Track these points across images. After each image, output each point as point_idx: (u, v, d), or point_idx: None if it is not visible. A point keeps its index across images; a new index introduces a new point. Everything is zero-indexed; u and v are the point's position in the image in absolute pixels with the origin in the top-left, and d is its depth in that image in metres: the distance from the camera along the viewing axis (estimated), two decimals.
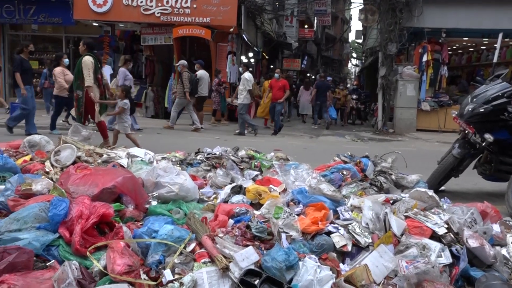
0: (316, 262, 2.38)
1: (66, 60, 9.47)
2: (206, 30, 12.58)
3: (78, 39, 14.91)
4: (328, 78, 16.38)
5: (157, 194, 3.21)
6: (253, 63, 17.65)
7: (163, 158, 4.68)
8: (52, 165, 3.92)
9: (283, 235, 2.64)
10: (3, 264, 1.93)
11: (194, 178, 3.84)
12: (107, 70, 13.20)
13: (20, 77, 8.26)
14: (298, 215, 2.94)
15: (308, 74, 18.03)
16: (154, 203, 3.13)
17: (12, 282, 1.86)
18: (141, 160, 4.27)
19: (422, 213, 2.93)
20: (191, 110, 10.84)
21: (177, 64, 11.47)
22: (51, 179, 3.42)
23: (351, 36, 48.44)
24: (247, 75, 10.67)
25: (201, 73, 11.21)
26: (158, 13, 12.68)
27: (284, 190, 3.54)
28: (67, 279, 2.00)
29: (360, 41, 32.19)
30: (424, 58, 12.43)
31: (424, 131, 12.41)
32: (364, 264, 2.40)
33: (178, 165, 4.46)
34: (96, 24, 13.81)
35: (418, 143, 10.74)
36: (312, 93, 14.16)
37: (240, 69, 11.48)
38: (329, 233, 2.75)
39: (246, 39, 14.62)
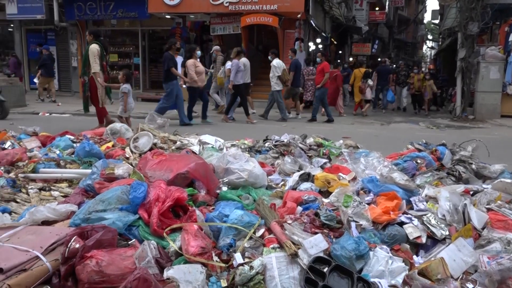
0: (388, 253, 2.31)
1: (198, 52, 9.86)
2: (274, 17, 12.54)
3: (152, 32, 15.71)
4: (400, 62, 15.69)
5: (227, 180, 3.31)
6: (321, 49, 17.31)
7: (233, 145, 4.80)
8: (131, 151, 4.20)
9: (353, 224, 2.59)
10: (92, 241, 2.11)
11: (262, 165, 3.89)
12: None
13: (167, 72, 8.74)
14: (368, 204, 2.86)
15: (379, 59, 17.14)
16: (224, 188, 3.23)
17: (99, 257, 2.04)
18: (212, 147, 4.42)
19: (507, 205, 2.71)
20: (216, 92, 11.69)
21: (211, 51, 12.31)
22: (131, 164, 3.67)
23: (427, 17, 45.52)
24: (275, 62, 10.71)
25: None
26: (226, 2, 12.88)
27: (354, 179, 3.46)
28: (146, 257, 2.14)
29: (436, 21, 30.11)
30: (511, 38, 11.31)
31: (509, 117, 11.37)
32: (440, 257, 2.29)
33: (247, 152, 4.54)
34: (169, 17, 14.37)
35: (502, 130, 9.88)
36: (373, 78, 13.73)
37: (269, 57, 11.53)
38: (401, 224, 2.65)
39: (314, 25, 14.35)
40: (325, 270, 2.18)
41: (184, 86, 9.67)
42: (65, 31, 15.24)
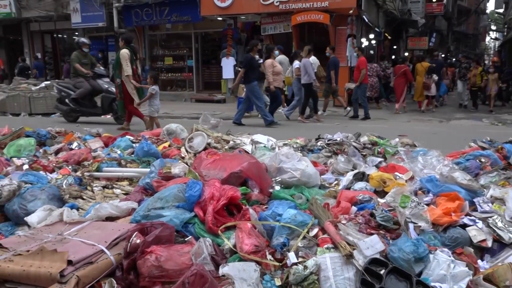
0: (450, 257, 2.20)
1: (276, 52, 10.00)
2: (325, 14, 12.37)
3: (205, 34, 16.08)
4: (459, 55, 14.84)
5: (279, 179, 3.31)
6: (374, 44, 16.82)
7: (285, 145, 4.79)
8: (186, 151, 4.33)
9: (411, 225, 2.49)
10: (151, 237, 2.21)
11: (315, 164, 3.85)
12: (230, 62, 13.99)
13: (247, 73, 8.94)
14: (427, 205, 2.74)
15: (436, 53, 16.21)
16: (277, 187, 3.23)
17: (158, 253, 2.13)
18: (264, 146, 4.44)
19: None
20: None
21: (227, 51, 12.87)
22: (186, 163, 3.78)
23: (490, 6, 42.62)
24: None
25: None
26: (277, 2, 12.89)
27: (411, 178, 3.33)
28: (202, 254, 2.20)
29: (501, 11, 28.13)
30: None
31: None
32: (509, 262, 2.14)
33: (299, 151, 4.52)
34: (220, 19, 14.64)
35: None
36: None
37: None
38: (464, 226, 2.51)
39: (366, 20, 13.97)
40: (381, 272, 2.12)
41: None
42: (133, 35, 16.02)
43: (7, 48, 19.18)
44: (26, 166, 3.98)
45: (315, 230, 2.50)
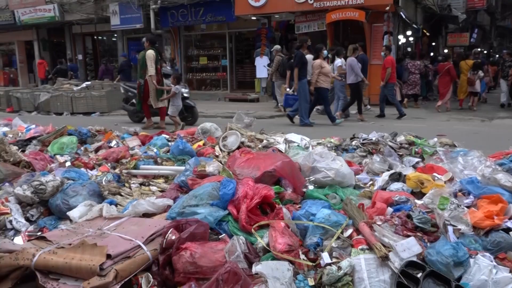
0: (492, 262, 2.11)
1: (325, 52, 9.77)
2: (360, 11, 12.13)
3: (239, 34, 16.17)
4: (503, 52, 14.14)
5: (313, 179, 3.29)
6: (412, 41, 16.33)
7: (319, 144, 4.75)
8: (220, 150, 4.38)
9: (450, 228, 2.41)
10: (186, 233, 2.25)
11: (349, 163, 3.80)
12: (264, 61, 13.99)
13: (299, 71, 8.82)
14: (467, 207, 2.65)
15: (476, 50, 15.45)
16: (310, 187, 3.21)
17: (193, 250, 2.17)
18: (298, 145, 4.43)
19: None
20: (278, 92, 11.74)
21: (272, 49, 12.56)
22: (220, 162, 3.82)
23: None
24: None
25: (308, 57, 11.18)
26: (311, 0, 12.78)
27: (451, 179, 3.22)
28: (236, 251, 2.23)
29: None
30: None
31: None
32: None
33: (333, 150, 4.47)
34: (254, 18, 14.67)
35: None
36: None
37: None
38: (507, 230, 2.40)
39: (404, 17, 13.59)
40: (418, 275, 2.06)
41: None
42: (160, 38, 16.39)
43: (51, 50, 20.06)
44: (68, 163, 4.16)
45: (350, 231, 2.47)
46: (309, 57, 11.39)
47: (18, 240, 2.69)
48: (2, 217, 2.93)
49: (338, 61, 10.03)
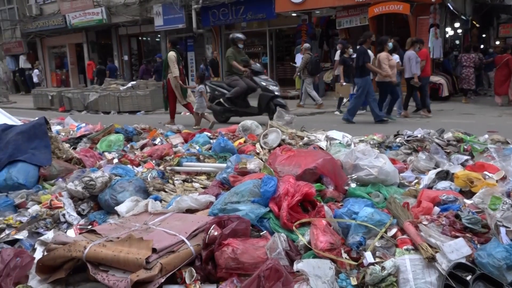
0: None
1: (390, 44, 9.32)
2: (404, 4, 11.73)
3: (279, 31, 16.14)
4: None
5: (355, 177, 3.23)
6: (460, 34, 15.62)
7: (361, 141, 4.66)
8: (261, 147, 4.41)
9: (503, 230, 2.29)
10: (228, 230, 2.28)
11: (393, 161, 3.70)
12: (298, 58, 13.88)
13: (361, 67, 8.49)
14: None
15: None
16: (353, 185, 3.16)
17: (235, 246, 2.19)
18: (339, 142, 4.36)
19: None
20: (311, 88, 11.66)
21: (301, 47, 12.50)
22: (261, 159, 3.84)
23: None
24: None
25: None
26: None
27: (503, 178, 3.05)
28: (277, 248, 2.23)
29: None
30: None
31: None
32: None
33: (377, 147, 4.37)
34: (295, 14, 14.58)
35: None
36: None
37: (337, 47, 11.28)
38: None
39: (451, 8, 13.01)
40: (468, 278, 1.98)
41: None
42: (201, 37, 16.68)
43: (99, 52, 20.96)
44: (116, 160, 4.34)
45: (394, 230, 2.41)
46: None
47: (71, 233, 2.84)
48: (56, 211, 3.11)
49: (395, 57, 9.63)
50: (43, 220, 3.01)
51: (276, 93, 8.49)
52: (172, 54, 8.43)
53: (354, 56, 10.50)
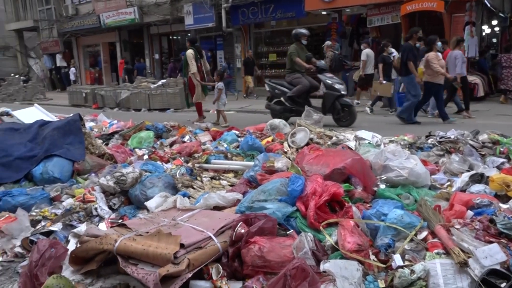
0: None
1: (439, 44, 9.03)
2: (439, 1, 11.39)
3: (308, 29, 15.98)
4: None
5: (385, 178, 3.17)
6: (497, 31, 15.02)
7: (391, 141, 4.58)
8: (289, 146, 4.39)
9: None
10: (255, 228, 2.29)
11: (425, 163, 3.61)
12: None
13: (406, 65, 8.12)
14: None
15: None
16: (382, 186, 3.10)
17: (261, 244, 2.20)
18: (369, 142, 4.29)
19: None
20: None
21: (323, 45, 12.48)
22: (289, 158, 3.83)
23: None
24: (368, 51, 10.45)
25: (368, 51, 10.96)
26: None
27: None
28: (304, 248, 2.22)
29: None
30: None
31: None
32: None
33: (407, 148, 4.27)
34: (324, 13, 14.44)
35: None
36: None
37: (362, 46, 11.12)
38: None
39: (488, 5, 12.54)
40: (502, 285, 1.91)
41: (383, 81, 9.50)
42: (230, 35, 16.77)
43: (131, 51, 21.45)
44: (146, 156, 4.43)
45: (424, 233, 2.36)
46: (369, 51, 11.03)
47: (102, 226, 2.92)
48: (89, 205, 3.21)
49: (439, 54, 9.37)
50: (76, 213, 3.12)
51: (342, 92, 7.92)
52: (190, 52, 8.56)
53: (394, 54, 10.30)
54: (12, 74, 23.27)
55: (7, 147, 4.06)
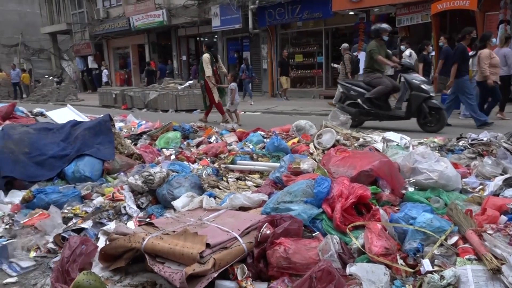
0: None
1: (494, 40, 8.54)
2: None
3: (335, 30, 15.87)
4: None
5: (414, 180, 3.11)
6: None
7: (420, 143, 4.47)
8: (315, 147, 4.36)
9: None
10: (281, 229, 2.29)
11: (455, 166, 3.50)
12: (361, 57, 13.55)
13: (458, 67, 7.63)
14: None
15: None
16: (410, 189, 3.04)
17: (287, 245, 2.19)
18: (397, 144, 4.21)
19: None
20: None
21: (340, 48, 12.56)
22: (315, 160, 3.81)
23: None
24: (408, 52, 10.37)
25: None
26: None
27: None
28: (329, 250, 2.20)
29: None
30: None
31: None
32: None
33: (437, 151, 4.16)
34: (352, 13, 14.27)
35: None
36: None
37: (403, 47, 11.00)
38: None
39: None
40: None
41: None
42: (257, 37, 16.83)
43: (160, 53, 21.86)
44: (173, 157, 4.50)
45: (455, 238, 2.28)
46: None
47: (131, 225, 2.99)
48: (118, 203, 3.29)
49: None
50: (106, 211, 3.20)
51: (431, 94, 7.13)
52: (206, 56, 8.84)
53: (433, 54, 10.02)
54: (46, 76, 24.15)
55: (42, 146, 4.21)
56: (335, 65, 13.16)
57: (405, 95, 8.57)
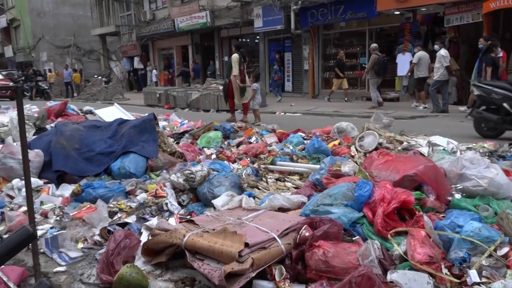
0: None
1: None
2: None
3: (380, 30, 15.50)
4: None
5: (461, 187, 2.97)
6: None
7: (468, 148, 4.28)
8: (356, 150, 4.28)
9: None
10: (320, 231, 2.27)
11: (507, 173, 3.32)
12: (406, 58, 13.15)
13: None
14: None
15: None
16: (457, 196, 2.91)
17: (326, 248, 2.17)
18: (443, 149, 4.05)
19: None
20: (374, 89, 11.73)
21: (369, 48, 12.62)
22: (356, 163, 3.74)
23: None
24: (443, 51, 10.30)
25: (420, 54, 11.03)
26: None
27: None
28: (370, 256, 2.15)
29: None
30: None
31: None
32: None
33: (487, 156, 3.97)
34: (398, 13, 13.88)
35: None
36: None
37: (436, 46, 10.67)
38: None
39: None
40: None
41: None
42: (299, 37, 16.73)
43: (203, 54, 22.27)
44: (214, 156, 4.57)
45: (505, 249, 2.17)
46: (422, 54, 10.42)
47: (172, 221, 3.06)
48: (160, 200, 3.38)
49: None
50: (149, 207, 3.30)
51: None
52: (235, 56, 9.22)
53: (500, 55, 9.60)
54: (96, 76, 25.31)
55: (91, 143, 4.41)
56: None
57: None
